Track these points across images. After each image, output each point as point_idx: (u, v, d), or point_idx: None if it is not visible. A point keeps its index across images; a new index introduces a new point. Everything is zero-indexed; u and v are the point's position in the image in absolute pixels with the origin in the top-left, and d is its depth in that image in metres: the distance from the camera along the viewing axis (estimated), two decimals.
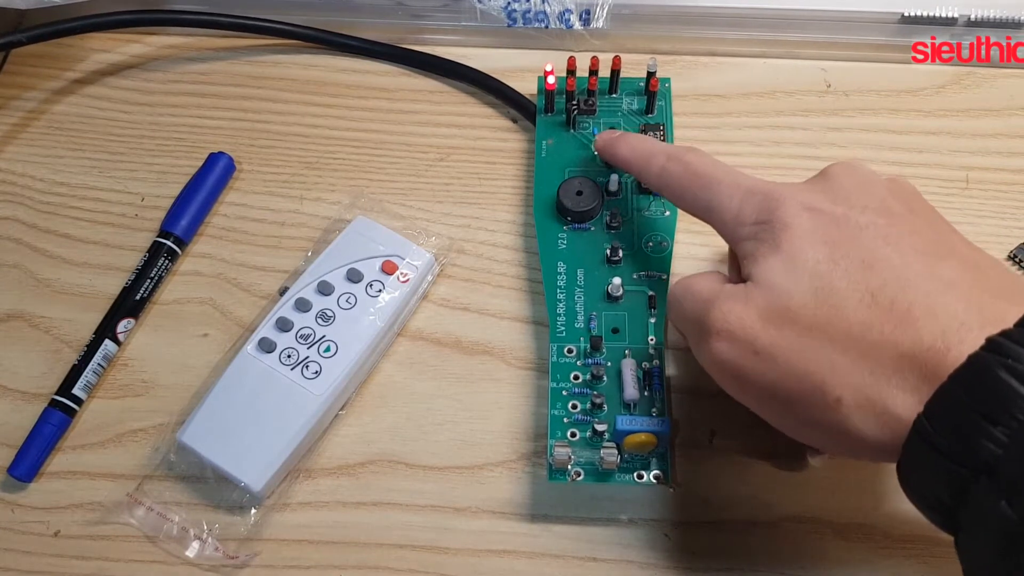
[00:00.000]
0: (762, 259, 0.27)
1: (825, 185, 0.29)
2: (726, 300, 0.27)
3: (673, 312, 0.31)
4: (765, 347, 0.26)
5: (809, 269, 0.26)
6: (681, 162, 0.32)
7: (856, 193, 0.28)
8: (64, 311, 0.37)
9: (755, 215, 0.28)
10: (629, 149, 0.34)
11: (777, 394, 0.26)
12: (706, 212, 0.31)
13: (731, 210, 0.29)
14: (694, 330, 0.29)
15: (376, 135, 0.41)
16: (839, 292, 0.26)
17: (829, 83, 0.42)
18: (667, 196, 0.33)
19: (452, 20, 0.43)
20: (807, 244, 0.27)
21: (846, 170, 0.29)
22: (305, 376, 0.34)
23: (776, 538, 0.32)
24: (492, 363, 0.36)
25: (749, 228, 0.28)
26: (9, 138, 0.42)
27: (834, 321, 0.25)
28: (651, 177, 0.33)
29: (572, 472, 0.32)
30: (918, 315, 0.24)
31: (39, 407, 0.35)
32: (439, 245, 0.38)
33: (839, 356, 0.25)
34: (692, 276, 0.30)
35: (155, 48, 0.44)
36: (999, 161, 0.40)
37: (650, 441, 0.30)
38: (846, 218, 0.27)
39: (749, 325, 0.27)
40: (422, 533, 0.33)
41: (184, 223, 0.38)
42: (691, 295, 0.29)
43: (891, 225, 0.27)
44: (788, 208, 0.28)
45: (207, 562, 0.32)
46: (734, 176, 0.30)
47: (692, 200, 0.31)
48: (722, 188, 0.30)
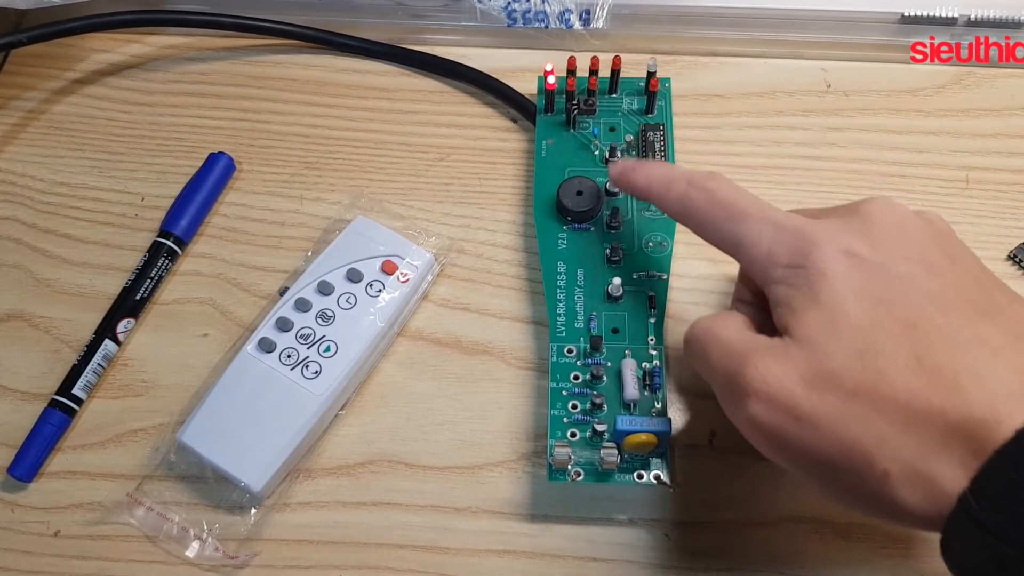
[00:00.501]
0: (800, 312, 0.26)
1: (861, 226, 0.27)
2: (762, 357, 0.26)
3: (697, 360, 0.29)
4: (807, 413, 0.25)
5: (851, 327, 0.25)
6: (704, 189, 0.30)
7: (894, 238, 0.26)
8: (64, 311, 0.37)
9: (788, 256, 0.27)
10: (646, 177, 0.32)
11: (819, 461, 0.25)
12: (732, 246, 0.29)
13: (760, 248, 0.28)
14: (724, 385, 0.27)
15: (376, 135, 0.41)
16: (884, 355, 0.24)
17: (829, 83, 0.42)
18: (688, 226, 0.31)
19: (452, 20, 0.43)
20: (847, 298, 0.25)
21: (882, 209, 0.27)
22: (305, 376, 0.34)
23: (776, 538, 0.32)
24: (492, 363, 0.36)
25: (781, 271, 0.27)
26: (9, 138, 0.42)
27: (879, 387, 0.24)
28: (671, 204, 0.31)
29: (572, 472, 0.32)
30: (966, 384, 0.23)
31: (39, 407, 0.35)
32: (439, 245, 0.38)
33: (885, 425, 0.24)
34: (714, 320, 0.29)
35: (155, 48, 0.44)
36: (999, 161, 0.40)
37: (650, 441, 0.30)
38: (885, 269, 0.26)
39: (789, 388, 0.25)
40: (422, 533, 0.33)
41: (184, 223, 0.38)
42: (719, 345, 0.28)
43: (932, 277, 0.25)
44: (824, 252, 0.26)
45: (207, 562, 0.32)
46: (761, 208, 0.29)
47: (716, 232, 0.29)
48: (749, 222, 0.28)
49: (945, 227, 0.28)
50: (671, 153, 0.38)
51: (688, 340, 0.29)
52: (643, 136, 0.38)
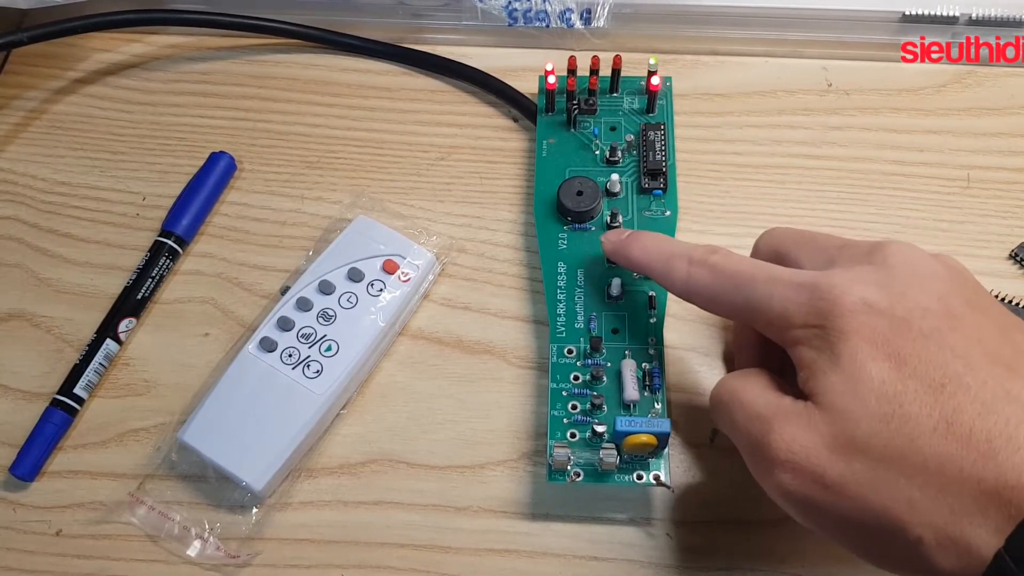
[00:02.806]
0: (821, 375, 0.25)
1: (877, 275, 0.26)
2: (787, 424, 0.25)
3: (723, 422, 0.29)
4: (835, 481, 0.24)
5: (876, 390, 0.24)
6: (706, 266, 0.29)
7: (913, 288, 0.25)
8: (65, 310, 0.37)
9: (804, 316, 0.26)
10: (643, 252, 0.32)
11: (849, 527, 0.25)
12: (746, 314, 0.28)
13: (774, 310, 0.27)
14: (750, 450, 0.27)
15: (377, 134, 0.41)
16: (911, 419, 0.24)
17: (830, 82, 0.42)
18: (696, 303, 0.30)
19: (453, 19, 0.43)
20: (870, 359, 0.24)
21: (898, 256, 0.26)
22: (306, 375, 0.34)
23: (777, 538, 0.32)
24: (493, 362, 0.36)
25: (800, 332, 0.26)
26: (10, 138, 0.42)
27: (908, 453, 0.23)
28: (676, 286, 0.30)
29: (571, 473, 0.32)
30: (999, 447, 0.23)
31: (41, 406, 0.35)
32: (440, 244, 0.38)
33: (917, 492, 0.23)
34: (739, 380, 0.28)
35: (156, 48, 0.44)
36: (1000, 160, 0.39)
37: (649, 442, 0.30)
38: (907, 324, 0.25)
39: (815, 455, 0.24)
40: (423, 532, 0.33)
41: (185, 222, 0.38)
42: (743, 408, 0.27)
43: (956, 330, 0.25)
44: (843, 309, 0.25)
45: (208, 561, 0.32)
46: (767, 270, 0.28)
47: (728, 304, 0.29)
48: (758, 285, 0.27)
49: (963, 271, 0.27)
50: (672, 152, 0.38)
51: (714, 401, 0.29)
52: (644, 135, 0.38)
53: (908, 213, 0.38)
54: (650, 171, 0.37)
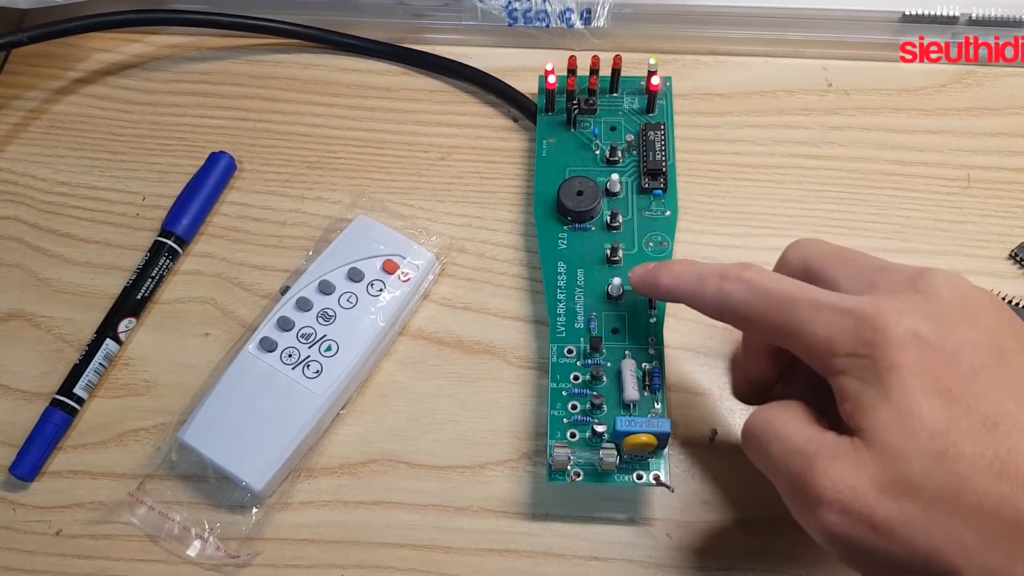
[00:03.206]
0: (870, 410, 0.24)
1: (925, 305, 0.25)
2: (833, 461, 0.24)
3: (757, 457, 0.27)
4: (884, 522, 0.23)
5: (927, 428, 0.23)
6: (740, 281, 0.28)
7: (962, 321, 0.25)
8: (65, 310, 0.37)
9: (850, 344, 0.25)
10: (673, 278, 0.30)
11: (898, 571, 0.24)
12: (784, 336, 0.27)
13: (817, 336, 0.26)
14: (790, 488, 0.26)
15: (377, 134, 0.41)
16: (964, 459, 0.23)
17: (830, 82, 0.42)
18: (730, 322, 0.29)
19: (453, 19, 0.43)
20: (920, 394, 0.23)
21: (947, 287, 0.25)
22: (306, 375, 0.34)
23: (777, 538, 0.32)
24: (493, 362, 0.36)
25: (844, 361, 0.25)
26: (10, 138, 0.42)
27: (962, 494, 0.23)
28: (707, 302, 0.29)
29: (571, 473, 0.32)
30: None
31: (40, 406, 0.35)
32: (440, 244, 0.38)
33: (970, 534, 0.22)
34: (775, 412, 0.27)
35: (156, 48, 0.44)
36: (1000, 160, 0.39)
37: (649, 442, 0.30)
38: (957, 359, 0.24)
39: (863, 495, 0.23)
40: (423, 532, 0.33)
41: (185, 222, 0.38)
42: (782, 443, 0.26)
43: (1007, 367, 0.24)
44: (891, 340, 0.24)
45: (208, 561, 0.32)
46: (807, 291, 0.27)
47: (764, 323, 0.27)
48: (798, 308, 0.26)
49: (1003, 305, 0.26)
50: (672, 152, 0.38)
51: (747, 435, 0.28)
52: (644, 135, 0.38)
53: (908, 213, 0.38)
54: (650, 171, 0.37)
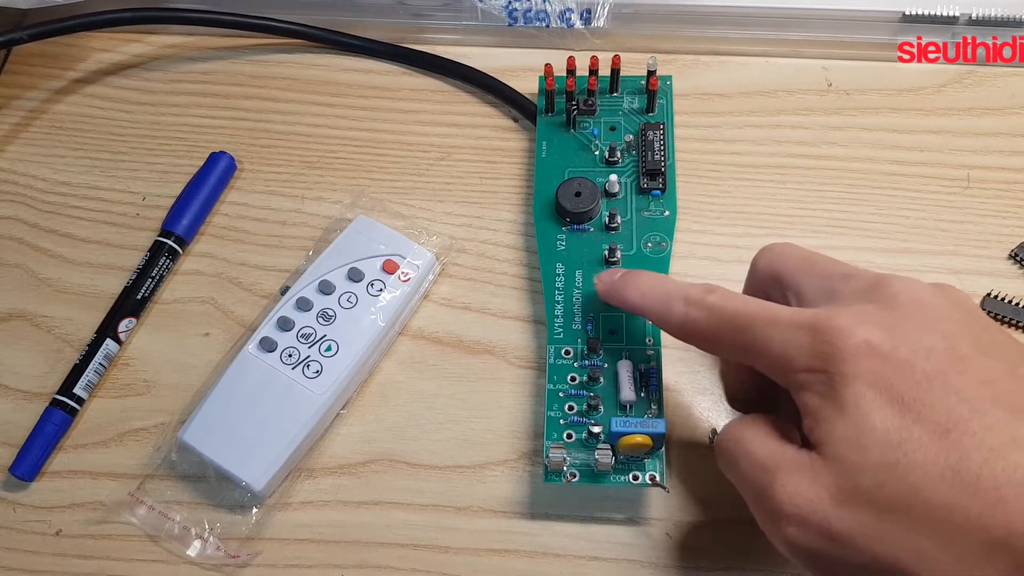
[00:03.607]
0: (825, 423, 0.25)
1: (882, 315, 0.25)
2: (791, 475, 0.25)
3: (727, 471, 0.28)
4: (841, 533, 0.24)
5: (880, 439, 0.24)
6: (703, 306, 0.28)
7: (918, 328, 0.25)
8: (66, 310, 0.38)
9: (807, 359, 0.25)
10: (639, 295, 0.31)
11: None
12: (747, 357, 0.27)
13: (775, 353, 0.26)
14: (755, 502, 0.26)
15: (377, 134, 0.41)
16: (917, 467, 0.23)
17: (830, 82, 0.42)
18: (694, 344, 0.29)
19: (453, 19, 0.43)
20: (874, 405, 0.24)
21: (905, 294, 0.26)
22: (306, 375, 0.34)
23: None
24: (493, 362, 0.36)
25: (803, 376, 0.25)
26: (10, 138, 0.42)
27: (914, 503, 0.23)
28: (672, 327, 0.29)
29: (568, 474, 0.32)
30: (1007, 495, 0.22)
31: (41, 406, 0.35)
32: (440, 244, 0.38)
33: (924, 541, 0.23)
34: (741, 428, 0.28)
35: (156, 47, 0.44)
36: (1000, 160, 0.39)
37: (645, 442, 0.30)
38: (911, 366, 0.24)
39: (820, 508, 0.24)
40: (423, 532, 0.33)
41: (185, 222, 0.38)
42: (747, 458, 0.27)
43: (962, 373, 0.24)
44: (845, 353, 0.24)
45: (208, 561, 0.32)
46: (766, 309, 0.27)
47: (725, 347, 0.28)
48: (757, 328, 0.27)
49: (971, 306, 0.26)
50: (671, 152, 0.38)
51: (719, 451, 0.28)
52: (643, 135, 0.38)
53: (908, 213, 0.38)
54: (649, 171, 0.37)
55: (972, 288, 0.36)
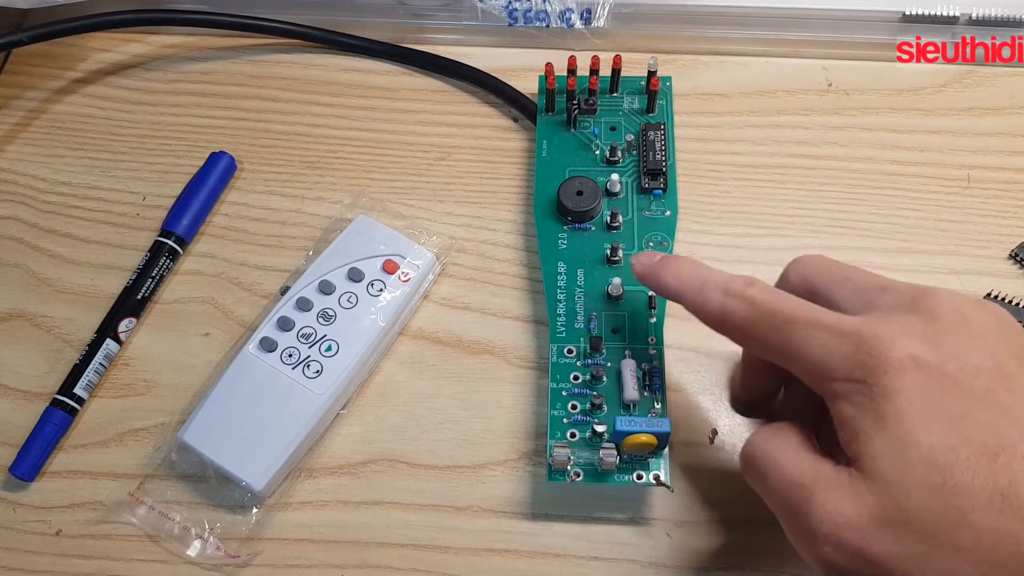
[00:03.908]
0: (865, 438, 0.23)
1: (927, 328, 0.24)
2: (828, 493, 0.24)
3: (755, 483, 0.27)
4: (880, 556, 0.23)
5: (925, 459, 0.22)
6: (742, 298, 0.27)
7: (964, 344, 0.24)
8: (66, 310, 0.37)
9: (848, 368, 0.24)
10: (676, 279, 0.29)
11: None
12: (783, 356, 0.26)
13: (815, 358, 0.25)
14: (788, 518, 0.25)
15: (377, 134, 0.41)
16: (964, 490, 0.22)
17: (830, 82, 0.42)
18: (729, 336, 0.28)
19: (453, 19, 0.43)
20: (919, 422, 0.23)
21: (949, 307, 0.25)
22: (306, 375, 0.34)
23: (777, 538, 0.32)
24: (493, 362, 0.36)
25: (841, 385, 0.24)
26: (10, 138, 0.42)
27: (960, 528, 0.22)
28: (708, 316, 0.28)
29: (571, 473, 0.32)
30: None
31: (41, 406, 0.35)
32: (440, 244, 0.38)
33: (968, 568, 0.22)
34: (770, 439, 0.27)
35: (156, 47, 0.44)
36: (1000, 160, 0.39)
37: (649, 442, 0.30)
38: (958, 383, 0.23)
39: (859, 529, 0.23)
40: (423, 532, 0.33)
41: (185, 222, 0.38)
42: (779, 472, 0.25)
43: (1009, 392, 0.23)
44: (889, 365, 0.23)
45: (208, 561, 0.32)
46: (808, 311, 0.26)
47: (763, 342, 0.27)
48: (797, 328, 0.25)
49: (1011, 321, 0.26)
50: (672, 152, 0.38)
51: (745, 462, 0.27)
52: (644, 135, 0.38)
53: (908, 213, 0.38)
54: (650, 171, 0.37)
55: (972, 288, 0.36)
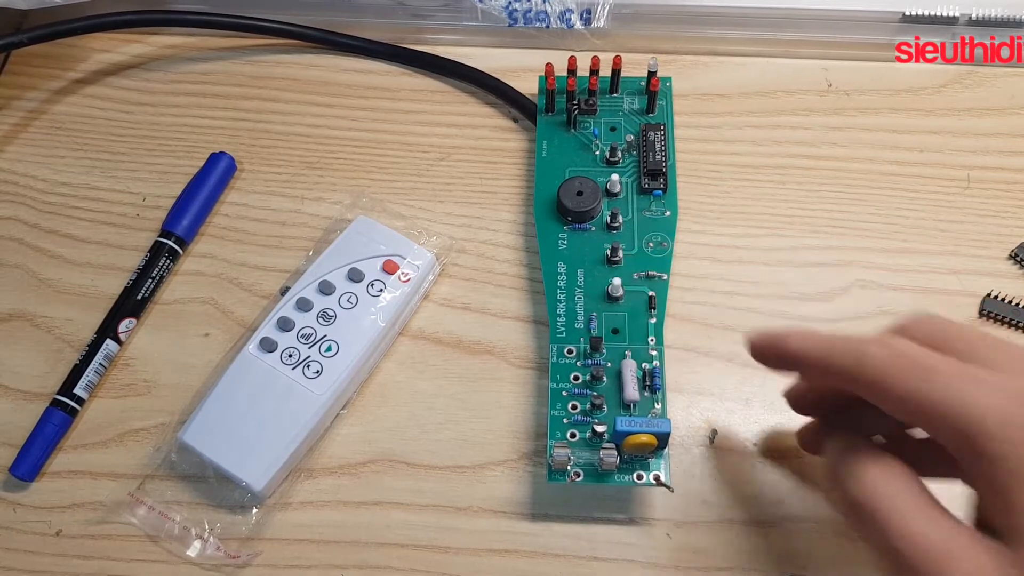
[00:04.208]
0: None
1: None
2: (973, 571, 0.21)
3: (866, 531, 0.24)
4: None
5: None
6: (879, 343, 0.25)
7: None
8: (66, 311, 0.37)
9: (1016, 430, 0.22)
10: (801, 339, 0.27)
11: None
12: (924, 409, 0.23)
13: (969, 415, 0.22)
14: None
15: (377, 135, 0.41)
16: None
17: (830, 82, 0.42)
18: (860, 386, 0.25)
19: (453, 20, 0.43)
20: None
21: None
22: (306, 376, 0.34)
23: (777, 538, 0.32)
24: (493, 362, 0.36)
25: (1000, 447, 0.22)
26: (10, 138, 0.42)
27: None
28: (841, 359, 0.25)
29: (571, 473, 0.32)
30: None
31: (41, 407, 0.35)
32: (440, 245, 0.38)
33: None
34: (887, 485, 0.24)
35: (156, 48, 0.44)
36: (1000, 160, 0.39)
37: (649, 442, 0.30)
38: None
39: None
40: (423, 532, 0.33)
41: (185, 223, 0.38)
42: (903, 528, 0.23)
43: None
44: None
45: (208, 561, 0.32)
46: (956, 365, 0.24)
47: (902, 392, 0.24)
48: (948, 379, 0.23)
49: None
50: (672, 152, 0.38)
51: (856, 506, 0.24)
52: (644, 136, 0.38)
53: (908, 213, 0.38)
54: (650, 171, 0.38)
55: (972, 288, 0.36)
